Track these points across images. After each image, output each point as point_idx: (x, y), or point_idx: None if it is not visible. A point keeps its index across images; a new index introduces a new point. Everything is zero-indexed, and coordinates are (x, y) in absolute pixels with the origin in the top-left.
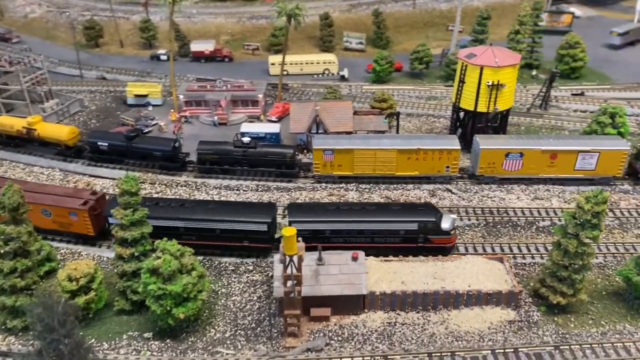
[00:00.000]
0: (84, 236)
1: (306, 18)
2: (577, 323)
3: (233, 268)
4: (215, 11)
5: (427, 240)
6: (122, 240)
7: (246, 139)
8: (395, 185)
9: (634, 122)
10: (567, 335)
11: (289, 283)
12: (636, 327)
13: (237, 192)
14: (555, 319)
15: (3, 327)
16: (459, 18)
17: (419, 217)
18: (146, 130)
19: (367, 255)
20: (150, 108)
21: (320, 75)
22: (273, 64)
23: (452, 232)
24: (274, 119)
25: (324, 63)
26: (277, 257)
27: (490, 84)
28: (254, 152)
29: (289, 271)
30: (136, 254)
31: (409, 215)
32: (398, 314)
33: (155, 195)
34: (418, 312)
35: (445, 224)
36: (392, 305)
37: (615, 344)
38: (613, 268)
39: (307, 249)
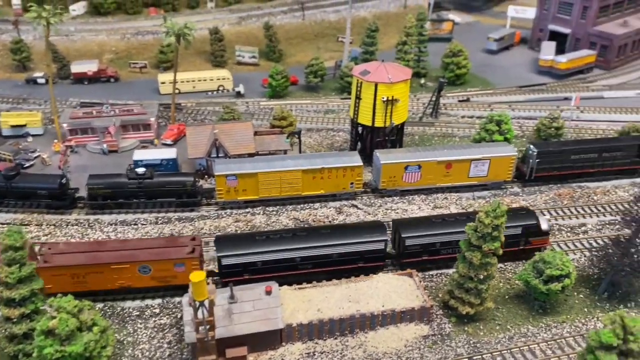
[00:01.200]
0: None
1: (195, 33)
2: (486, 330)
3: (138, 313)
4: (96, 28)
5: (527, 242)
6: (8, 300)
7: (141, 170)
8: (302, 206)
9: (516, 125)
10: (477, 344)
11: (201, 328)
12: (538, 328)
13: (135, 226)
14: (466, 328)
15: None
16: (349, 30)
17: (522, 222)
18: (27, 164)
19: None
20: (30, 139)
21: (215, 92)
22: (163, 83)
23: (549, 233)
24: (169, 142)
25: (218, 79)
26: (185, 299)
27: (385, 99)
28: (150, 183)
29: (200, 316)
30: (27, 312)
31: (512, 221)
32: (316, 343)
33: (44, 239)
34: (336, 339)
35: (544, 225)
36: (310, 335)
37: (521, 348)
38: (513, 272)
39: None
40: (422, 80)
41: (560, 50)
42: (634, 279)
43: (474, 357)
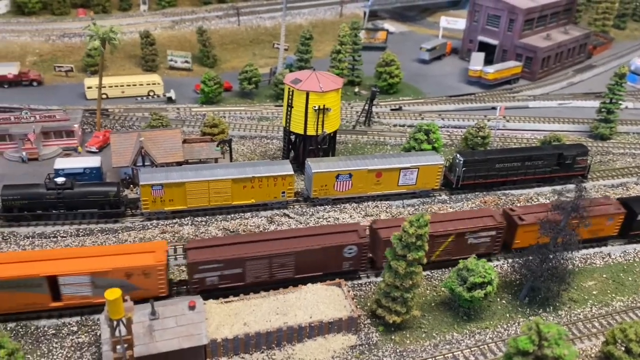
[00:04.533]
0: None
1: (125, 36)
2: (412, 338)
3: (54, 331)
4: (18, 28)
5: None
6: None
7: (60, 179)
8: (232, 215)
9: (445, 133)
10: (404, 353)
11: (119, 348)
12: (462, 335)
13: (55, 239)
14: (393, 337)
15: None
16: (283, 37)
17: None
18: None
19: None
20: None
21: (145, 98)
22: (90, 87)
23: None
24: (94, 149)
25: (148, 84)
26: (102, 317)
27: (316, 108)
28: (71, 194)
29: (117, 334)
30: None
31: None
32: (242, 358)
33: None
34: (263, 352)
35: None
36: (236, 350)
37: (446, 355)
38: (439, 279)
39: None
40: (356, 89)
41: (488, 61)
42: (552, 284)
43: None
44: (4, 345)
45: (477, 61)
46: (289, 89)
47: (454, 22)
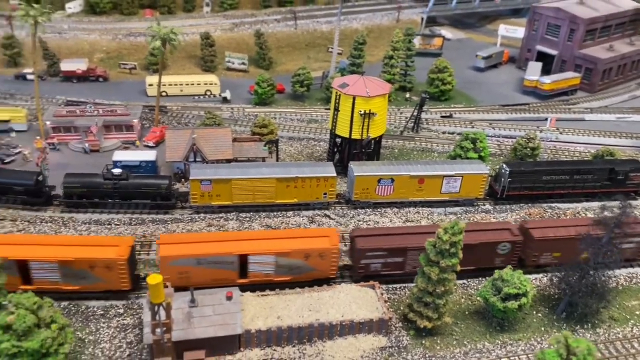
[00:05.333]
0: None
1: (186, 37)
2: (443, 345)
3: (102, 312)
4: (89, 27)
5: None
6: None
7: (117, 171)
8: (275, 213)
9: (495, 142)
10: (433, 358)
11: (158, 330)
12: (494, 345)
13: (109, 226)
14: (423, 342)
15: None
16: (336, 41)
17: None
18: (8, 160)
19: None
20: (12, 135)
21: (202, 97)
22: (151, 85)
23: None
24: (150, 144)
25: (206, 84)
26: (145, 301)
27: (362, 112)
28: (126, 184)
29: (157, 318)
30: None
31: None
32: (274, 350)
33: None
34: (294, 346)
35: None
36: (268, 342)
37: None
38: (475, 288)
39: None
40: (407, 95)
41: (546, 71)
42: (590, 300)
43: None
44: (56, 320)
45: (533, 71)
46: (336, 92)
47: (513, 30)
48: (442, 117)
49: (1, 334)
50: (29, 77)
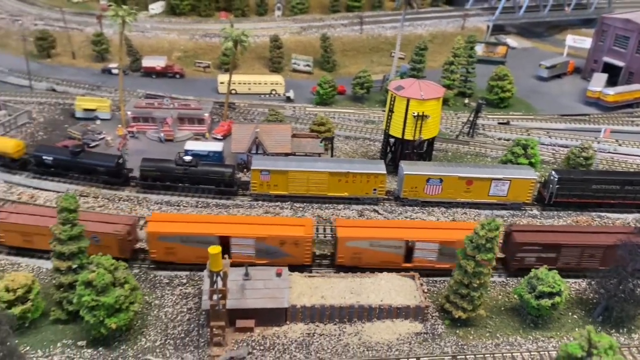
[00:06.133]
0: None
1: (257, 39)
2: (476, 335)
3: (167, 281)
4: (169, 27)
5: None
6: (59, 254)
7: (188, 158)
8: (327, 205)
9: (550, 151)
10: (464, 347)
11: (215, 297)
12: (526, 340)
13: (178, 207)
14: (457, 331)
15: None
16: (398, 46)
17: None
18: (93, 144)
19: None
20: (98, 122)
21: (267, 96)
22: (222, 83)
23: None
24: (218, 137)
25: (272, 84)
26: (206, 271)
27: (415, 114)
28: (194, 171)
29: (214, 286)
30: (73, 266)
31: None
32: (317, 326)
33: (98, 209)
34: (335, 324)
35: None
36: (312, 318)
37: (505, 354)
38: (513, 286)
39: None
40: (466, 100)
41: (612, 83)
42: (627, 306)
43: (458, 357)
44: (129, 281)
45: (598, 82)
46: (392, 94)
47: (581, 41)
48: (499, 123)
49: (83, 289)
50: (114, 71)
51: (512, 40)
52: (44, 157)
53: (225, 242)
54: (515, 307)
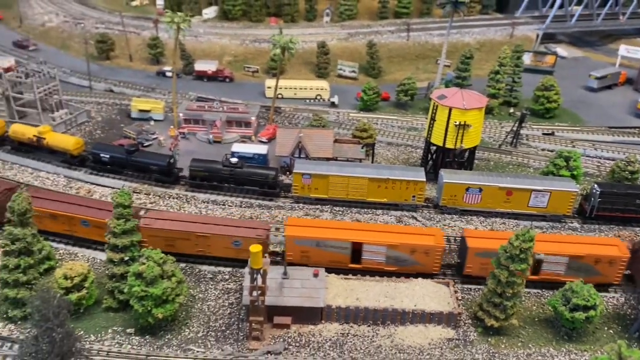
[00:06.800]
0: None
1: (305, 45)
2: (508, 344)
3: (211, 276)
4: (221, 32)
5: None
6: (113, 246)
7: (234, 160)
8: (365, 210)
9: (595, 163)
10: (496, 355)
11: (255, 293)
12: (558, 352)
13: (223, 206)
14: (489, 339)
15: (5, 316)
16: (444, 54)
17: None
18: (146, 143)
19: None
20: (152, 123)
21: (312, 101)
22: (269, 87)
23: None
24: (264, 140)
25: (317, 89)
26: (247, 269)
27: (457, 123)
28: (240, 172)
29: (254, 282)
30: (125, 258)
31: None
32: (351, 326)
33: (149, 206)
34: (369, 326)
35: None
36: (346, 319)
37: None
38: (548, 297)
39: None
40: (511, 110)
41: None
42: None
43: None
44: (176, 275)
45: None
46: (434, 103)
47: (635, 51)
48: (543, 134)
49: (134, 280)
50: (168, 74)
51: (562, 50)
52: (101, 155)
53: (357, 249)
54: (549, 318)
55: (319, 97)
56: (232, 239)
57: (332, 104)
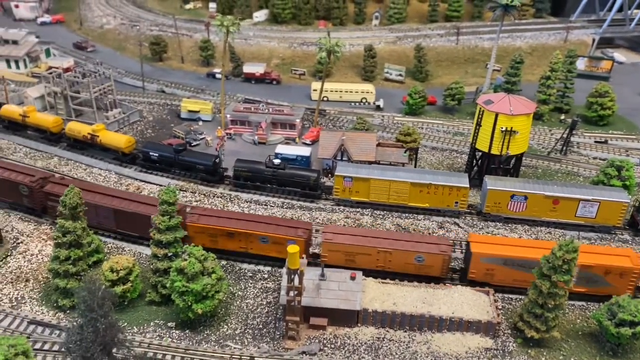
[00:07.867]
0: None
1: (352, 47)
2: (549, 357)
3: (251, 274)
4: (270, 35)
5: None
6: (157, 241)
7: (277, 161)
8: (407, 215)
9: None
10: None
11: (291, 293)
12: None
13: (265, 206)
14: (529, 351)
15: (55, 304)
16: (493, 58)
17: None
18: (194, 143)
19: None
20: (200, 123)
21: (358, 104)
22: (315, 90)
23: None
24: (307, 142)
25: (362, 92)
26: (285, 269)
27: (503, 129)
28: (282, 173)
29: (292, 283)
30: (168, 254)
31: None
32: (387, 331)
33: (195, 203)
34: (405, 331)
35: None
36: (383, 323)
37: None
38: (594, 311)
39: None
40: (562, 116)
41: None
42: None
43: None
44: (216, 272)
45: None
46: (480, 108)
47: None
48: (595, 142)
49: (176, 275)
50: (217, 76)
51: (619, 55)
52: (150, 153)
53: None
54: (593, 332)
55: (364, 100)
56: (413, 254)
57: (378, 107)
